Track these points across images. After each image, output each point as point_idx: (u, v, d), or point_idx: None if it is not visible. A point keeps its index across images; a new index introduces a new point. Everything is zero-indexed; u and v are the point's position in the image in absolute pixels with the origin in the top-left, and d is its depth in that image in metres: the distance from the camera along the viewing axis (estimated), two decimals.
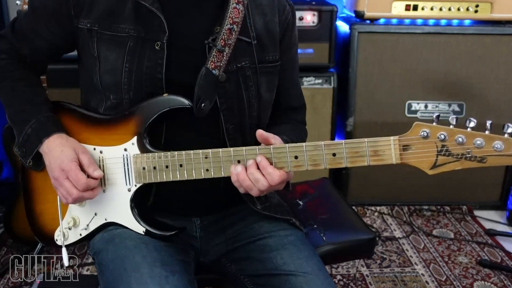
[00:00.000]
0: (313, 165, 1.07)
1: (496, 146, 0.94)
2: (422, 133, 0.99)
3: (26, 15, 1.30)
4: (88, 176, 1.17)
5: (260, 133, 1.11)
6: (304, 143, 1.07)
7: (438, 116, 1.00)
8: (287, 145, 1.08)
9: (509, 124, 0.93)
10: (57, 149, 1.19)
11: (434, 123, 0.99)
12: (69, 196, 1.17)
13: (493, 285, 2.28)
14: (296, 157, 1.07)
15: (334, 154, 1.05)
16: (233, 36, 1.20)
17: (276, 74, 1.32)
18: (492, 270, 2.39)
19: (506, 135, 0.94)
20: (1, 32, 1.34)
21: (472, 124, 0.96)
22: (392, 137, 1.01)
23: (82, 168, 1.18)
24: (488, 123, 0.95)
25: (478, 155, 0.96)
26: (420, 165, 1.01)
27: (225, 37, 1.19)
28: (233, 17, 1.20)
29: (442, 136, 0.97)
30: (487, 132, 0.95)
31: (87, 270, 2.34)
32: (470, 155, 0.97)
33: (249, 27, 1.24)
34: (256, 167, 1.09)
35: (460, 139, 0.96)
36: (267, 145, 1.10)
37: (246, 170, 1.10)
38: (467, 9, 2.64)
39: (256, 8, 1.27)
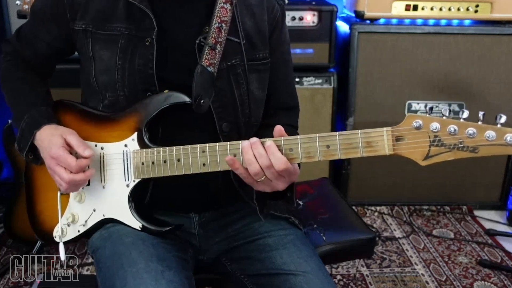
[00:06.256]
0: (308, 157, 1.07)
1: (488, 135, 0.93)
2: (415, 124, 0.99)
3: (28, 21, 1.37)
4: (79, 157, 1.18)
5: (278, 128, 1.09)
6: (299, 136, 1.08)
7: (431, 108, 1.00)
8: (282, 138, 1.08)
9: (502, 115, 0.93)
10: (46, 139, 1.22)
11: (426, 115, 0.99)
12: (62, 182, 1.19)
13: (493, 285, 2.28)
14: (291, 150, 1.08)
15: (328, 146, 1.06)
16: (223, 34, 1.22)
17: (266, 72, 1.33)
18: (492, 270, 2.39)
19: (498, 125, 0.93)
20: (8, 38, 1.41)
21: (464, 115, 0.96)
22: (385, 128, 1.02)
23: (73, 150, 1.19)
24: (481, 114, 0.95)
25: (470, 145, 0.95)
26: (413, 156, 1.01)
27: (215, 35, 1.21)
28: (221, 16, 1.22)
29: (435, 127, 0.97)
30: (479, 122, 0.95)
31: (87, 270, 2.34)
32: (462, 145, 0.96)
33: (238, 28, 1.25)
34: (260, 142, 1.08)
35: (452, 129, 0.96)
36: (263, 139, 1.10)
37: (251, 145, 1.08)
38: (467, 9, 2.64)
39: (246, 9, 1.29)
